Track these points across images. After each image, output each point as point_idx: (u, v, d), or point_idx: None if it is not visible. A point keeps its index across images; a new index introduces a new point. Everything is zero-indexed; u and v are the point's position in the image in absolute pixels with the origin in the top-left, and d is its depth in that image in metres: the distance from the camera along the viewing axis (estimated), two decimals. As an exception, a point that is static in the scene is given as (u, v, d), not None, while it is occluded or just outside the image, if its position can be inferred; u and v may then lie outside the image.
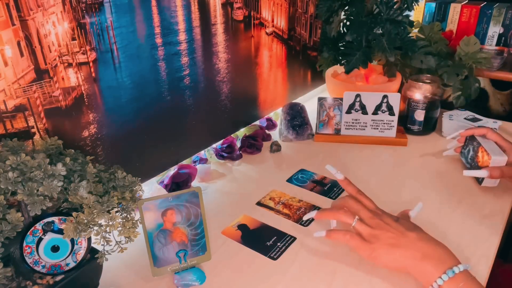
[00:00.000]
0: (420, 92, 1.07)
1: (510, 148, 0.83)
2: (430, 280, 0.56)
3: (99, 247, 0.59)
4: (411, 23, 1.10)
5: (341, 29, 1.21)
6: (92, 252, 0.61)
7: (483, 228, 0.76)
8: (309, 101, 1.34)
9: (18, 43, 0.61)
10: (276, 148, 1.06)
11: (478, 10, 1.43)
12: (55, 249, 0.57)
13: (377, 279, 0.66)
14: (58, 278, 0.58)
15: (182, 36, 0.87)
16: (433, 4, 1.51)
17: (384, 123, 1.07)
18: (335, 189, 0.90)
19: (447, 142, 0.99)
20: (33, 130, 0.65)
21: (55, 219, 0.56)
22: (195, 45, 0.90)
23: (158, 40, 0.82)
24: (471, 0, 1.50)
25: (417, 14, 1.56)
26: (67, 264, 0.58)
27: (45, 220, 0.56)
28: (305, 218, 0.73)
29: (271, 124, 1.19)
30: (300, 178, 0.94)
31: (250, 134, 1.09)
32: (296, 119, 1.11)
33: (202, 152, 1.03)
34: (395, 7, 1.08)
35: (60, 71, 0.67)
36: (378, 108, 1.05)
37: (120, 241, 0.59)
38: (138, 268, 0.70)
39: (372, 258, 0.62)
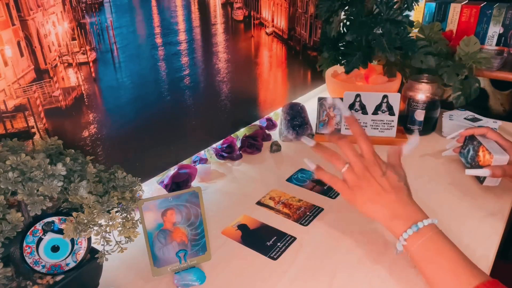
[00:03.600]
0: (420, 92, 1.07)
1: (510, 147, 0.83)
2: (398, 235, 0.63)
3: (99, 247, 0.59)
4: (411, 23, 1.10)
5: (341, 29, 1.20)
6: (92, 252, 0.61)
7: (483, 228, 0.76)
8: (309, 101, 1.34)
9: (18, 43, 0.61)
10: (276, 148, 1.06)
11: (478, 10, 1.43)
12: (55, 249, 0.57)
13: (377, 279, 0.66)
14: (58, 278, 0.58)
15: (182, 36, 0.87)
16: (433, 4, 1.51)
17: (384, 123, 1.07)
18: (335, 189, 0.90)
19: (447, 142, 0.99)
20: (33, 130, 0.65)
21: (55, 219, 0.56)
22: (195, 45, 0.90)
23: (158, 40, 0.82)
24: (471, 0, 1.50)
25: (417, 14, 1.56)
26: (67, 264, 0.58)
27: (45, 220, 0.56)
28: (303, 139, 0.75)
29: (271, 124, 1.19)
30: (300, 178, 0.94)
31: (250, 134, 1.09)
32: (296, 119, 1.11)
33: (202, 152, 1.03)
34: (395, 7, 1.08)
35: (60, 71, 0.67)
36: (378, 108, 1.05)
37: (120, 241, 0.59)
38: (138, 268, 0.70)
39: (352, 203, 0.68)
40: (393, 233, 0.65)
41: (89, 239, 0.59)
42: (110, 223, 0.56)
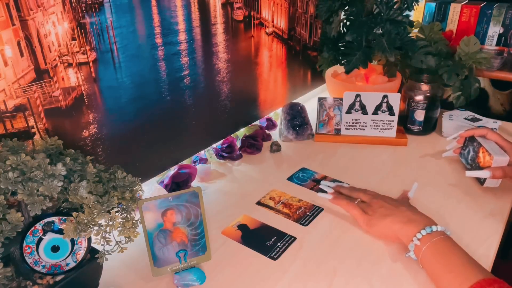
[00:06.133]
0: (420, 92, 1.07)
1: (510, 148, 0.83)
2: (411, 237, 0.66)
3: (99, 247, 0.59)
4: (411, 23, 1.10)
5: (341, 29, 1.20)
6: (92, 252, 0.61)
7: (483, 228, 0.76)
8: (309, 101, 1.34)
9: (18, 43, 0.61)
10: (276, 148, 1.06)
11: (478, 10, 1.43)
12: (55, 249, 0.57)
13: (377, 279, 0.66)
14: (58, 278, 0.58)
15: (182, 36, 0.87)
16: (433, 4, 1.50)
17: (384, 123, 1.07)
18: (335, 189, 0.90)
19: (447, 142, 0.99)
20: (33, 130, 0.65)
21: (55, 219, 0.56)
22: (195, 45, 0.90)
23: (158, 40, 0.82)
24: (471, 0, 1.50)
25: (417, 14, 1.55)
26: (67, 264, 0.58)
27: (45, 220, 0.56)
28: (319, 195, 0.84)
29: (271, 124, 1.19)
30: (301, 177, 0.94)
31: (250, 134, 1.09)
32: (296, 119, 1.11)
33: (202, 152, 1.03)
34: (395, 7, 1.08)
35: (60, 71, 0.67)
36: (378, 108, 1.05)
37: (120, 241, 0.59)
38: (138, 268, 0.70)
39: (368, 226, 0.73)
40: (407, 236, 0.67)
41: (89, 239, 0.59)
42: (110, 223, 0.56)
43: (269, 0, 1.07)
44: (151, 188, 0.88)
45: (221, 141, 1.05)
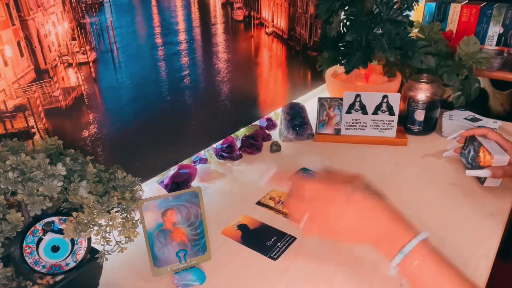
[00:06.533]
0: (420, 92, 1.07)
1: (510, 147, 0.83)
2: (389, 259, 0.55)
3: (99, 247, 0.59)
4: (411, 23, 1.10)
5: (341, 29, 1.20)
6: (92, 252, 0.61)
7: (483, 228, 0.76)
8: (309, 101, 1.34)
9: (18, 43, 0.61)
10: (276, 148, 1.06)
11: (478, 10, 1.43)
12: (55, 249, 0.57)
13: (377, 279, 0.66)
14: (58, 278, 0.58)
15: (182, 36, 0.87)
16: (433, 4, 1.51)
17: (384, 123, 1.07)
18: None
19: (447, 142, 0.99)
20: (33, 130, 0.65)
21: (55, 219, 0.56)
22: (195, 45, 0.90)
23: (158, 40, 0.82)
24: (471, 0, 1.50)
25: (417, 14, 1.56)
26: (67, 264, 0.58)
27: (45, 220, 0.56)
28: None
29: (271, 124, 1.18)
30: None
31: (250, 134, 1.09)
32: (296, 119, 1.11)
33: (202, 152, 1.02)
34: (395, 7, 1.08)
35: (60, 71, 0.67)
36: (378, 108, 1.05)
37: (120, 241, 0.59)
38: (138, 268, 0.70)
39: (333, 238, 0.59)
40: (384, 256, 0.56)
41: (89, 239, 0.59)
42: (110, 223, 0.56)
43: (269, 0, 1.07)
44: (151, 188, 0.88)
45: (221, 141, 1.05)
